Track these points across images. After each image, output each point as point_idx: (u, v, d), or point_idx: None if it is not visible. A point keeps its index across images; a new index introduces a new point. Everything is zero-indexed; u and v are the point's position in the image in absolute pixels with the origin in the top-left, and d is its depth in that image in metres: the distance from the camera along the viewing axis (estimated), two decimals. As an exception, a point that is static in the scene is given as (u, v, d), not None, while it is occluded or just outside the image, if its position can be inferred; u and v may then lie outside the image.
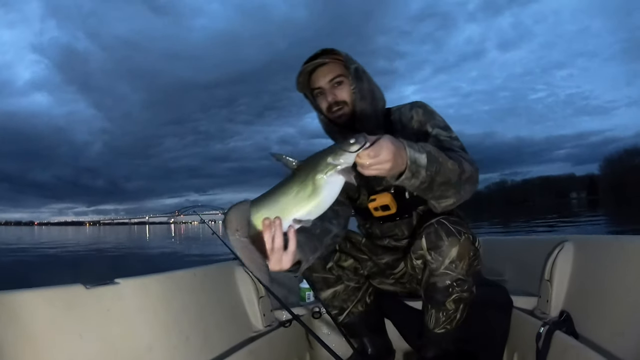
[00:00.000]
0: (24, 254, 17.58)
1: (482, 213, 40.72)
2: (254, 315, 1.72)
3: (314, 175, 0.90)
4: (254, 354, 1.53)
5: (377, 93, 1.52)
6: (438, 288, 1.31)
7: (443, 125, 1.44)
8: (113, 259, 14.56)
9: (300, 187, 0.91)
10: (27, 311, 1.01)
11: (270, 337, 1.65)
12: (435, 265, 1.29)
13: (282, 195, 0.92)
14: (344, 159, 0.90)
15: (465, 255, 1.27)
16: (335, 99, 1.48)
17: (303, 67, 1.47)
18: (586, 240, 1.60)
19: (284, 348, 1.71)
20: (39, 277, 8.98)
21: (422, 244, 1.31)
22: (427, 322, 1.41)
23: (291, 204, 0.91)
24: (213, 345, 1.45)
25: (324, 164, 0.90)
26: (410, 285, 1.62)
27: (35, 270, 10.32)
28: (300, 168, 0.93)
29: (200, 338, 1.41)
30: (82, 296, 1.13)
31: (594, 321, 1.36)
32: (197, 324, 1.44)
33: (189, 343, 1.36)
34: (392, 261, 1.61)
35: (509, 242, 2.16)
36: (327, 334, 1.88)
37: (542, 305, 1.62)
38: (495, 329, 1.58)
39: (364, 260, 1.65)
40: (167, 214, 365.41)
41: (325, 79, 1.48)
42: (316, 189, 0.90)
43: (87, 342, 1.09)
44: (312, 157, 0.94)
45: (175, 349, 1.32)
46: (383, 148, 0.92)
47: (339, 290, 1.61)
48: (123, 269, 11.18)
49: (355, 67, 1.45)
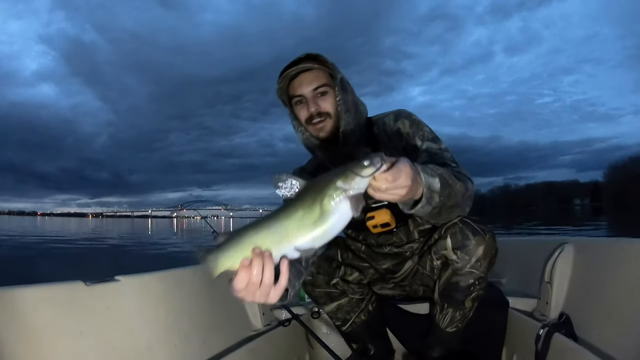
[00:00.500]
0: (26, 244, 17.56)
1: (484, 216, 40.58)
2: (253, 314, 1.72)
3: (322, 200, 0.79)
4: (253, 353, 1.52)
5: (360, 106, 1.45)
6: (460, 287, 1.31)
7: (432, 137, 1.37)
8: (114, 253, 14.52)
9: (305, 212, 0.79)
10: (27, 308, 1.01)
11: (269, 336, 1.65)
12: (460, 264, 1.28)
13: (285, 219, 0.81)
14: (355, 185, 0.78)
15: (489, 253, 1.27)
16: (318, 110, 1.38)
17: (285, 71, 1.38)
18: (586, 242, 1.61)
19: (284, 347, 1.71)
20: (39, 271, 8.97)
21: (447, 243, 1.29)
22: (439, 322, 1.40)
23: (294, 229, 0.80)
24: (212, 344, 1.45)
25: (333, 188, 0.79)
26: (411, 287, 1.61)
27: (36, 265, 10.32)
28: (306, 190, 0.82)
29: (200, 336, 1.41)
30: (82, 293, 1.13)
31: (594, 324, 1.36)
32: (197, 322, 1.44)
33: (189, 341, 1.36)
34: (392, 266, 1.59)
35: (508, 244, 2.15)
36: (326, 333, 1.88)
37: (541, 307, 1.62)
38: (493, 328, 1.58)
39: (366, 268, 1.62)
40: (170, 208, 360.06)
41: (309, 87, 1.38)
42: (324, 215, 0.79)
43: (87, 339, 1.09)
44: (319, 179, 0.83)
45: (174, 348, 1.32)
46: (402, 172, 0.82)
47: (342, 303, 1.58)
48: (124, 263, 11.17)
49: (341, 77, 1.37)
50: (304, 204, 0.80)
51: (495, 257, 1.30)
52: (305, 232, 0.80)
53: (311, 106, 1.38)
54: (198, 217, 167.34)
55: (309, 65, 1.37)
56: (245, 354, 1.49)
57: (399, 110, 1.48)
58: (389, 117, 1.47)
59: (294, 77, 1.40)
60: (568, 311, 1.50)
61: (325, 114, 1.38)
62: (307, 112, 1.39)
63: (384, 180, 0.79)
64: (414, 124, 1.41)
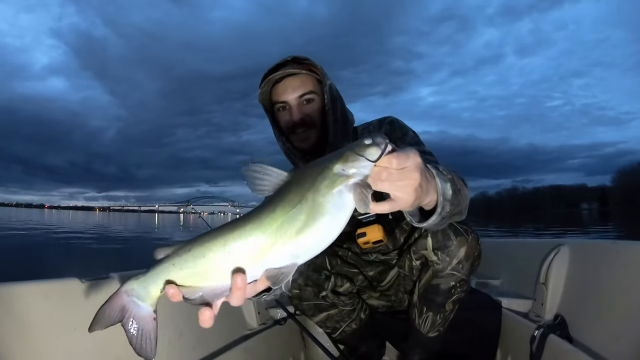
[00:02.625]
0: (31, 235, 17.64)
1: (491, 219, 40.27)
2: (249, 313, 1.73)
3: (313, 194, 0.58)
4: (249, 351, 1.53)
5: (349, 115, 1.36)
6: (441, 290, 1.24)
7: (416, 141, 1.30)
8: (117, 249, 14.50)
9: (287, 215, 0.58)
10: (22, 304, 1.02)
11: (265, 334, 1.66)
12: (441, 266, 1.21)
13: (255, 229, 0.58)
14: (359, 168, 0.60)
15: (471, 255, 1.20)
16: (302, 119, 1.27)
17: (269, 74, 1.27)
18: (582, 244, 1.60)
19: (279, 346, 1.72)
20: (45, 266, 9.01)
21: (428, 243, 1.21)
22: (420, 327, 1.33)
23: (269, 242, 0.58)
24: (207, 342, 1.45)
25: (329, 176, 0.59)
26: (396, 296, 1.53)
27: (41, 259, 10.39)
28: (290, 183, 0.61)
29: (195, 334, 1.42)
30: (77, 290, 1.14)
31: (589, 325, 1.36)
32: (192, 320, 1.44)
33: (183, 339, 1.37)
34: (378, 274, 1.52)
35: (504, 245, 2.15)
36: (321, 332, 1.88)
37: (536, 309, 1.61)
38: (486, 331, 1.57)
39: (355, 274, 1.54)
40: (177, 204, 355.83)
41: (294, 94, 1.27)
42: (314, 216, 0.58)
43: (82, 336, 1.10)
44: (308, 166, 0.64)
45: (169, 345, 1.32)
46: (410, 158, 0.64)
47: (332, 314, 1.51)
48: (132, 255, 11.17)
49: (330, 83, 1.25)
50: (285, 203, 0.59)
51: (478, 259, 1.24)
52: (285, 242, 0.58)
53: (295, 114, 1.27)
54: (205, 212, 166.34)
55: (296, 70, 1.27)
56: (241, 352, 1.49)
57: (383, 117, 1.41)
58: (373, 125, 1.40)
59: (278, 81, 1.29)
60: (563, 313, 1.49)
61: (310, 123, 1.28)
62: (289, 120, 1.29)
63: (387, 162, 0.62)
64: (396, 129, 1.34)
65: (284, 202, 0.59)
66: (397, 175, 0.63)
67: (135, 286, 0.62)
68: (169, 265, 0.61)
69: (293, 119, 1.28)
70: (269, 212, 0.59)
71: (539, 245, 1.87)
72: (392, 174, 0.63)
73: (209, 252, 0.59)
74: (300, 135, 1.29)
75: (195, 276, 0.61)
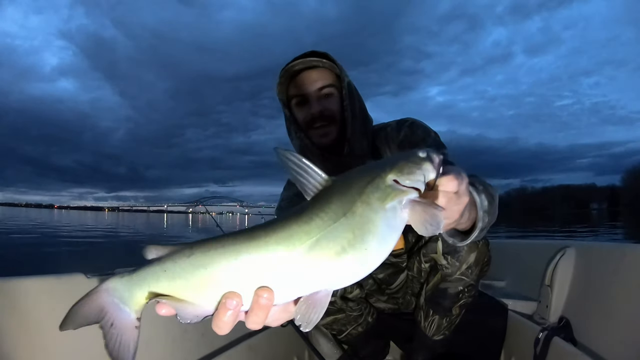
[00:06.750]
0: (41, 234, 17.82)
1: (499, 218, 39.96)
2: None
3: (363, 208, 0.46)
4: (253, 349, 1.54)
5: (367, 113, 1.30)
6: (448, 294, 1.23)
7: (437, 143, 1.23)
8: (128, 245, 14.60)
9: (325, 231, 0.45)
10: (28, 299, 1.04)
11: (269, 332, 1.66)
12: (450, 271, 1.19)
13: (281, 243, 0.45)
14: (415, 182, 0.49)
15: (481, 260, 1.19)
16: (321, 112, 1.21)
17: (288, 65, 1.22)
18: (588, 247, 1.58)
19: (283, 345, 1.72)
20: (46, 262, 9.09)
21: (438, 247, 1.19)
22: (425, 329, 1.33)
23: (297, 261, 0.45)
24: (211, 340, 1.46)
25: (382, 187, 0.47)
26: (404, 299, 1.50)
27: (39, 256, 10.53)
28: (331, 189, 0.48)
29: (199, 331, 1.43)
30: (82, 285, 1.15)
31: (594, 328, 1.35)
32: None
33: (187, 336, 1.38)
34: (388, 276, 1.46)
35: (510, 246, 2.13)
36: (326, 332, 1.88)
37: (541, 311, 1.60)
38: (491, 334, 1.55)
39: (365, 278, 1.50)
40: (186, 204, 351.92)
41: (314, 86, 1.22)
42: (363, 235, 0.46)
43: (86, 332, 1.12)
44: (353, 171, 0.51)
45: (173, 342, 1.34)
46: (463, 180, 0.56)
47: (339, 318, 1.46)
48: (137, 253, 11.27)
49: (348, 80, 1.22)
50: (325, 214, 0.46)
51: (487, 265, 1.23)
52: (319, 265, 0.45)
53: (314, 107, 1.22)
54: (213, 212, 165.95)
55: (316, 61, 1.21)
56: (245, 350, 1.50)
57: (402, 119, 1.34)
58: (391, 126, 1.32)
59: (296, 74, 1.24)
60: (568, 315, 1.48)
61: (329, 117, 1.22)
62: (308, 114, 1.23)
63: (446, 184, 0.53)
64: (418, 130, 1.26)
65: (323, 214, 0.46)
66: (454, 200, 0.56)
67: (118, 286, 0.50)
68: (159, 270, 0.48)
69: (312, 111, 1.22)
70: (302, 223, 0.46)
71: (545, 247, 1.85)
72: (452, 199, 0.55)
73: (212, 264, 0.46)
74: (320, 130, 1.23)
75: (189, 290, 0.48)
